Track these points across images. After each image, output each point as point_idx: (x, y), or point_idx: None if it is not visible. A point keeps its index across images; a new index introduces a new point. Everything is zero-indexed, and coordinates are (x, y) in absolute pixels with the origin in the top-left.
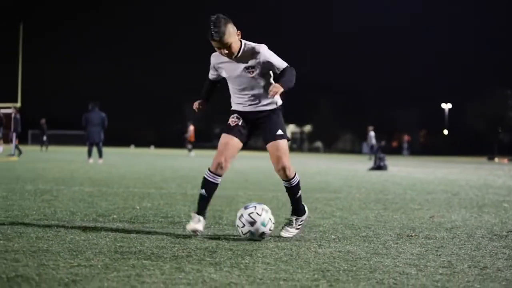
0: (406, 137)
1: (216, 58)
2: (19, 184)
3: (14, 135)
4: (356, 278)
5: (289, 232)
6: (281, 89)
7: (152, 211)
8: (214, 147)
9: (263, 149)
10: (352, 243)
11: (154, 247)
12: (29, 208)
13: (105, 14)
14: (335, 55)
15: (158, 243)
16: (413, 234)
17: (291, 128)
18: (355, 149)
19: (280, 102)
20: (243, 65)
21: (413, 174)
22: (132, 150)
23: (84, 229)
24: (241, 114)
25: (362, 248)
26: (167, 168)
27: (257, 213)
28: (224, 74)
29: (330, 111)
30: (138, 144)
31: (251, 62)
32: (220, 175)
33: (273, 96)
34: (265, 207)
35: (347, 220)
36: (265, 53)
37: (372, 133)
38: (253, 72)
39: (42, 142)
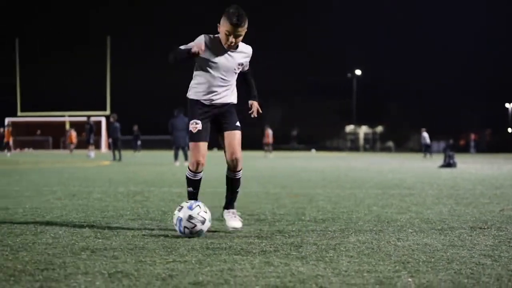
0: (473, 136)
1: (209, 40)
2: (112, 187)
3: (111, 141)
4: (435, 268)
5: (236, 223)
6: (258, 105)
7: (238, 210)
8: (292, 148)
9: (337, 149)
10: (428, 236)
11: (243, 243)
12: (123, 208)
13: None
14: (403, 57)
15: (246, 239)
16: (485, 227)
17: (363, 129)
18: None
19: (236, 101)
20: (237, 61)
21: (481, 170)
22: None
23: (230, 228)
24: (205, 108)
25: (439, 241)
26: (249, 169)
27: (204, 211)
28: (210, 60)
29: (400, 112)
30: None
31: (243, 60)
32: (199, 172)
33: (255, 115)
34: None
35: (422, 215)
36: (251, 54)
37: (425, 134)
38: (239, 69)
39: (135, 146)
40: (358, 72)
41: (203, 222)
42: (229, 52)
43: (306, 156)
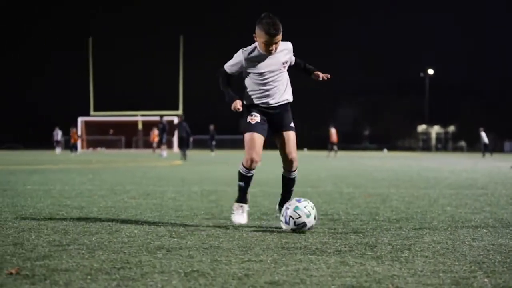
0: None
1: (246, 53)
2: (186, 186)
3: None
4: (511, 269)
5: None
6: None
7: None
8: (364, 148)
9: (409, 149)
10: (503, 236)
11: (318, 243)
12: (197, 208)
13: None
14: (476, 57)
15: (321, 239)
16: None
17: (435, 129)
18: (497, 148)
19: (291, 99)
20: (280, 60)
21: None
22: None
23: (251, 226)
24: (261, 109)
25: None
26: (321, 168)
27: (311, 207)
28: (256, 69)
29: (472, 112)
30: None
31: (286, 58)
32: (253, 169)
33: (325, 78)
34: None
35: (496, 215)
36: (292, 49)
37: (483, 133)
38: (286, 66)
39: (211, 146)
40: (430, 71)
41: (308, 216)
42: (272, 57)
43: (378, 155)
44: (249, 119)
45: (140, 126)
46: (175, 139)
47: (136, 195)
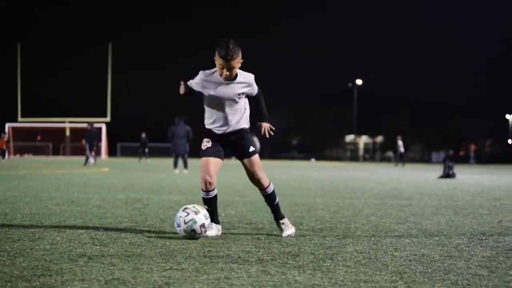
0: (472, 147)
1: (205, 75)
2: (111, 193)
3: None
4: (432, 279)
5: (290, 231)
6: (272, 128)
7: (236, 218)
8: (292, 157)
9: (337, 158)
10: (426, 246)
11: (240, 252)
12: (121, 215)
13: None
14: (404, 67)
15: (243, 247)
16: (483, 238)
17: (363, 139)
18: (425, 158)
19: (247, 125)
20: (236, 91)
21: (481, 181)
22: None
23: (174, 235)
24: (215, 136)
25: (436, 251)
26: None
27: (194, 211)
28: (209, 93)
29: (401, 122)
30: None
31: (242, 90)
32: (211, 190)
33: (267, 135)
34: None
35: (420, 225)
36: (254, 83)
37: (400, 142)
38: (240, 98)
39: (143, 154)
40: (359, 81)
41: (196, 213)
42: (227, 83)
43: (306, 165)
44: (202, 146)
45: (68, 133)
46: (104, 146)
47: (61, 202)
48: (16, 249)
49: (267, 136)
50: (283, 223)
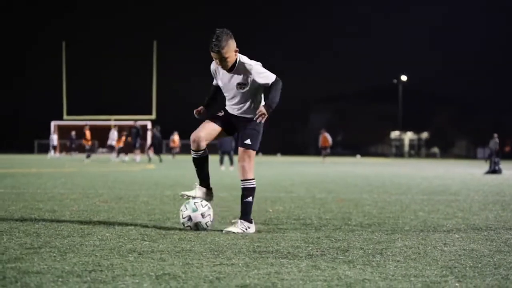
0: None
1: (214, 66)
2: (159, 190)
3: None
4: (482, 274)
5: (233, 228)
6: (266, 115)
7: (284, 214)
8: (338, 153)
9: (382, 155)
10: (475, 241)
11: (290, 247)
12: (169, 211)
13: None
14: (448, 63)
15: (292, 243)
16: None
17: (408, 135)
18: (470, 154)
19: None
20: (235, 81)
21: None
22: (259, 157)
23: (223, 230)
24: (229, 113)
25: (485, 246)
26: (295, 174)
27: (201, 204)
28: (219, 83)
29: (446, 118)
30: (265, 152)
31: (243, 80)
32: (200, 151)
33: (260, 121)
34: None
35: (468, 221)
36: (256, 72)
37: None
38: (244, 88)
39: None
40: (403, 77)
41: (194, 210)
42: (229, 74)
43: (351, 161)
44: (217, 113)
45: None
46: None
47: (109, 199)
48: (66, 245)
49: (258, 120)
50: (235, 222)
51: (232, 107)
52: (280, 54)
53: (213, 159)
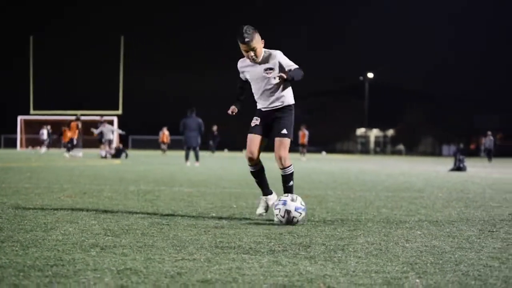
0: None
1: (241, 63)
2: (123, 185)
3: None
4: (443, 270)
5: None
6: (285, 76)
7: (247, 210)
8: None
9: (347, 152)
10: (437, 238)
11: (252, 242)
12: (133, 207)
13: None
14: (416, 61)
15: (255, 238)
16: (494, 230)
17: (374, 132)
18: (436, 152)
19: (292, 101)
20: (263, 67)
21: (491, 174)
22: (225, 153)
23: (186, 226)
24: (261, 113)
25: (447, 243)
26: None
27: (301, 203)
28: (247, 77)
29: (412, 116)
30: (231, 148)
31: (269, 65)
32: (255, 165)
33: (279, 79)
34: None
35: (431, 217)
36: (280, 56)
37: (491, 137)
38: (270, 72)
39: (212, 147)
40: (370, 75)
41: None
42: (258, 65)
43: (317, 158)
44: (251, 122)
45: (79, 125)
46: (115, 139)
47: (73, 194)
48: (29, 239)
49: (275, 77)
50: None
51: (263, 100)
52: None
53: (179, 155)
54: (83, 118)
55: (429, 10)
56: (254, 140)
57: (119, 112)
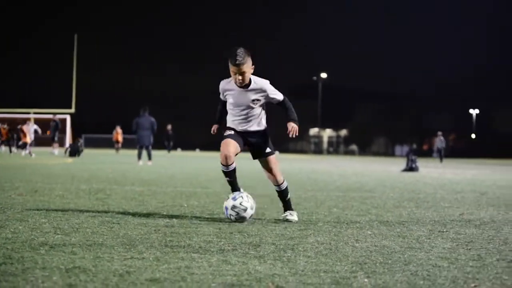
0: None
1: (225, 84)
2: (74, 184)
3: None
4: (392, 270)
5: (294, 217)
6: (297, 127)
7: (199, 209)
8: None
9: (301, 151)
10: (387, 238)
11: (202, 242)
12: (84, 205)
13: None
14: (367, 61)
15: (205, 238)
16: (444, 230)
17: (327, 132)
18: (388, 152)
19: (265, 124)
20: (251, 97)
21: (443, 175)
22: (178, 152)
23: (136, 225)
24: (235, 129)
25: (397, 243)
26: (212, 170)
27: (246, 201)
28: (229, 100)
29: (365, 116)
30: (184, 147)
31: (257, 96)
32: (229, 164)
33: (293, 136)
34: (249, 195)
35: (382, 217)
36: (270, 89)
37: (441, 138)
38: (257, 104)
39: (167, 147)
40: (323, 75)
41: (245, 210)
42: (242, 90)
43: None
44: (224, 133)
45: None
46: (68, 138)
47: (24, 192)
48: None
49: (293, 136)
50: (288, 213)
51: (240, 123)
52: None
53: (132, 154)
54: (35, 116)
55: (379, 8)
56: (230, 143)
57: (72, 110)
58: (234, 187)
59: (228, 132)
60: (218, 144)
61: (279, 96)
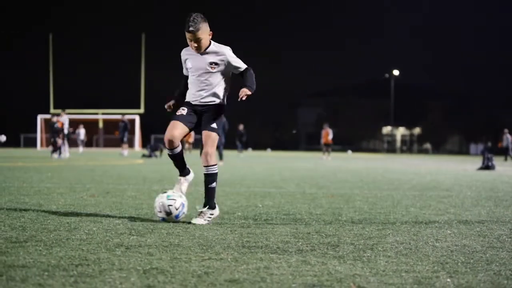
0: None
1: (185, 50)
2: (146, 185)
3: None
4: (474, 270)
5: (199, 221)
6: (249, 93)
7: (274, 209)
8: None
9: (374, 150)
10: (467, 237)
11: (279, 242)
12: None
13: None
14: (442, 58)
15: (282, 238)
16: None
17: (401, 131)
18: (463, 150)
19: (224, 102)
20: (207, 60)
21: None
22: (250, 152)
23: (211, 225)
24: (191, 106)
25: (478, 242)
26: (285, 169)
27: (174, 208)
28: (189, 65)
29: (438, 114)
30: (255, 147)
31: (215, 59)
32: (174, 148)
33: (242, 99)
34: (182, 195)
35: (460, 216)
36: (229, 54)
37: (508, 136)
38: (214, 68)
39: (240, 147)
40: (396, 72)
41: (167, 213)
42: (201, 56)
43: (343, 157)
44: (177, 111)
45: (101, 125)
46: (137, 138)
47: (96, 193)
48: (52, 239)
49: (241, 99)
50: (201, 212)
51: (196, 93)
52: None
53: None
54: (104, 117)
55: (454, 9)
56: (176, 125)
57: (141, 111)
58: (182, 171)
59: (178, 112)
60: (288, 144)
61: (241, 64)
